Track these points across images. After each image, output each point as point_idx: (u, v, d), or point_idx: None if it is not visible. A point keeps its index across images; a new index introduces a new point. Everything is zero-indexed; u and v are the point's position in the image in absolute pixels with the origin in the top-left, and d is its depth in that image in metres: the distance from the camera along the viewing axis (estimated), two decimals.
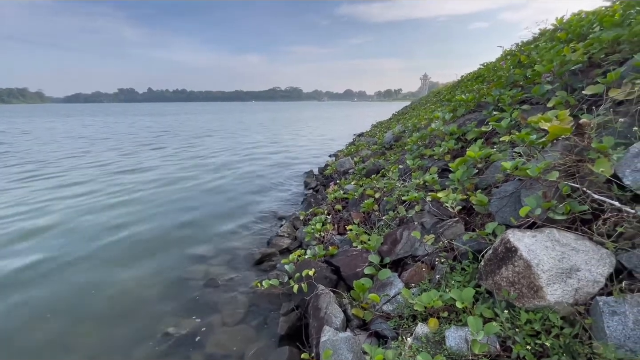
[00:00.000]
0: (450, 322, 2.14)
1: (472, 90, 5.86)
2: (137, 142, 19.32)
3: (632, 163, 1.92)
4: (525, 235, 2.01)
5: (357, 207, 5.00)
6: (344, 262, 3.42)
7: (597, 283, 1.70)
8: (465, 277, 2.39)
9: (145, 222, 6.46)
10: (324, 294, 2.90)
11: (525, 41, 7.67)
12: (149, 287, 4.28)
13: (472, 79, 8.50)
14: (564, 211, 2.03)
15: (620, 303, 1.56)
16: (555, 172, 2.13)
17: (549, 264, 1.80)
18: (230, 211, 7.10)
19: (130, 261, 4.95)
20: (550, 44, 4.59)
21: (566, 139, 2.45)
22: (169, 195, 8.30)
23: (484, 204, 2.70)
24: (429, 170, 4.18)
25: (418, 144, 5.41)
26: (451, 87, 16.40)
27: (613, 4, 5.04)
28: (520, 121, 3.57)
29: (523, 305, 1.87)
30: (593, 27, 4.20)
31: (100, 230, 6.05)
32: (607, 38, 3.24)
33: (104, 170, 11.24)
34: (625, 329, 1.49)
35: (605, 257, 1.75)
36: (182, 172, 11.05)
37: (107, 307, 3.89)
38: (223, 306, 3.82)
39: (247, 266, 4.72)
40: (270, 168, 11.76)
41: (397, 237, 3.32)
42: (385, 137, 9.32)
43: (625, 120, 2.26)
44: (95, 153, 14.92)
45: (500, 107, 4.19)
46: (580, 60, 3.45)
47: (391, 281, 2.88)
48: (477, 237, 2.47)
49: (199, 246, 5.43)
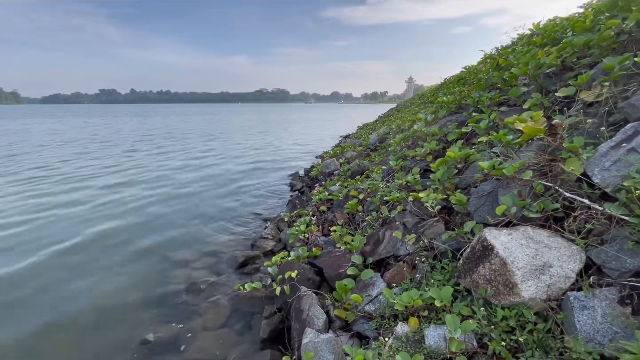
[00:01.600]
0: (430, 321, 2.16)
1: (453, 93, 5.98)
2: (106, 145, 18.80)
3: (601, 162, 1.99)
4: (501, 233, 2.06)
5: (341, 208, 5.01)
6: (327, 263, 3.41)
7: (568, 279, 1.75)
8: (445, 275, 2.42)
9: (124, 227, 6.27)
10: (306, 296, 2.88)
11: (504, 45, 7.90)
12: (127, 293, 4.15)
13: (454, 82, 8.68)
14: (537, 209, 2.09)
15: (589, 298, 1.61)
16: (529, 172, 2.18)
17: (524, 261, 1.84)
18: (214, 214, 6.99)
19: (108, 267, 4.78)
20: (526, 48, 4.74)
21: (540, 139, 2.52)
22: (149, 199, 8.09)
23: (463, 204, 2.74)
24: (411, 170, 4.22)
25: (401, 145, 5.47)
26: (435, 89, 16.72)
27: (586, 10, 5.25)
28: (498, 122, 3.66)
29: (499, 302, 1.91)
30: (566, 32, 4.35)
31: (76, 235, 5.84)
32: (579, 43, 3.36)
33: (79, 174, 10.87)
34: (594, 322, 1.53)
35: (575, 254, 1.81)
36: (163, 174, 10.80)
37: (83, 314, 3.74)
38: (205, 311, 3.74)
39: (231, 269, 4.64)
40: (256, 170, 11.65)
41: (380, 238, 3.34)
42: (370, 138, 9.39)
43: (594, 120, 2.35)
44: (57, 158, 14.43)
45: (480, 109, 4.29)
46: (554, 63, 3.57)
47: (374, 281, 2.88)
48: (456, 236, 2.51)
49: (181, 250, 5.31)
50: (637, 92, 2.22)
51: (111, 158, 13.74)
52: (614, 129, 2.21)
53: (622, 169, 1.87)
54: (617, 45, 3.01)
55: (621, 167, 1.88)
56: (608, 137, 2.10)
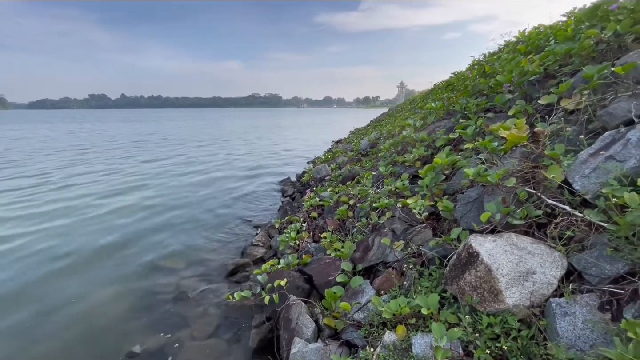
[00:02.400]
0: (417, 328, 2.16)
1: (441, 99, 6.06)
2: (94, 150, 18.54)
3: (581, 169, 2.03)
4: (486, 240, 2.08)
5: (332, 214, 5.01)
6: (316, 270, 3.40)
7: (550, 285, 1.77)
8: (432, 282, 2.43)
9: (111, 235, 6.16)
10: (295, 305, 2.85)
11: (492, 52, 8.06)
12: (114, 304, 4.06)
13: (443, 88, 8.80)
14: (521, 216, 2.12)
15: (571, 304, 1.63)
16: (513, 179, 2.22)
17: (508, 267, 1.86)
18: (204, 221, 6.92)
19: (94, 277, 4.69)
20: (511, 56, 4.84)
21: (523, 146, 2.57)
22: (138, 206, 7.98)
23: (449, 210, 2.77)
24: (400, 176, 4.25)
25: (391, 150, 5.51)
26: (425, 94, 16.93)
27: (568, 18, 5.40)
28: (484, 128, 3.72)
29: (485, 309, 1.92)
30: (549, 41, 4.47)
31: (62, 246, 5.71)
32: (560, 51, 3.45)
33: (65, 183, 10.68)
34: (576, 329, 1.55)
35: (557, 260, 1.83)
36: (152, 182, 10.67)
37: (68, 327, 3.64)
38: (193, 320, 3.69)
39: (220, 277, 4.59)
40: (247, 175, 11.60)
41: (369, 244, 3.34)
42: (362, 143, 9.44)
43: (575, 128, 2.40)
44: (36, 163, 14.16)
45: (467, 115, 4.35)
46: (537, 71, 3.65)
47: (363, 288, 2.88)
48: (443, 243, 2.53)
49: (170, 258, 5.23)
50: (614, 100, 2.28)
51: (101, 164, 13.54)
52: (593, 137, 2.26)
53: (601, 176, 1.91)
54: (596, 54, 3.09)
55: (600, 175, 1.92)
56: (587, 144, 2.15)
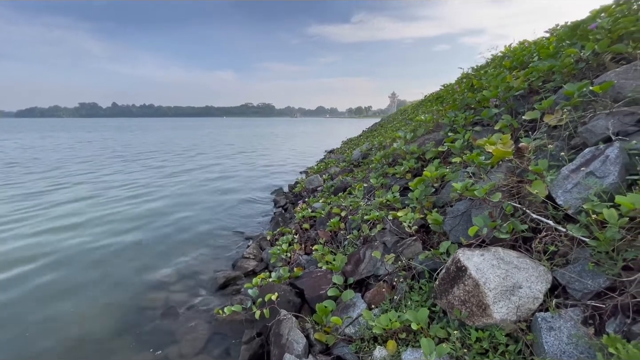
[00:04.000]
0: (408, 343, 2.16)
1: (431, 112, 6.18)
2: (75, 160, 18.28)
3: (563, 184, 2.10)
4: (474, 254, 2.11)
5: (324, 225, 5.01)
6: (308, 284, 3.38)
7: (536, 299, 1.80)
8: (422, 296, 2.44)
9: (97, 248, 6.03)
10: (286, 320, 2.83)
11: (480, 65, 8.30)
12: (100, 320, 3.96)
13: (432, 100, 8.99)
14: (507, 230, 2.16)
15: (556, 318, 1.66)
16: (498, 194, 2.27)
17: (495, 282, 1.89)
18: (194, 233, 6.83)
19: (79, 292, 4.56)
20: (497, 71, 4.99)
21: (509, 161, 2.64)
22: (127, 215, 7.86)
23: (439, 223, 2.80)
24: (391, 188, 4.30)
25: (382, 162, 5.57)
26: (416, 105, 17.25)
27: (551, 35, 5.61)
28: (472, 142, 3.80)
29: (473, 324, 1.94)
30: (533, 57, 4.63)
31: (46, 257, 5.57)
32: (543, 68, 3.58)
33: (50, 192, 10.47)
34: (561, 343, 1.58)
35: (543, 274, 1.87)
36: (145, 189, 10.54)
37: (52, 345, 3.52)
38: (182, 336, 3.61)
39: (211, 291, 4.52)
40: (239, 186, 11.54)
41: (361, 257, 3.35)
42: (354, 154, 9.52)
43: (557, 144, 2.48)
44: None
45: (455, 129, 4.44)
46: (522, 86, 3.78)
47: (354, 302, 2.87)
48: (433, 256, 2.55)
49: (160, 271, 5.14)
50: (594, 118, 2.37)
51: (89, 174, 13.33)
52: (575, 152, 2.34)
53: (582, 191, 1.97)
54: (576, 72, 3.22)
55: (582, 190, 1.98)
56: (569, 160, 2.23)
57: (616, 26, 3.11)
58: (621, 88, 2.37)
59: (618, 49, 2.81)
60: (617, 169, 1.90)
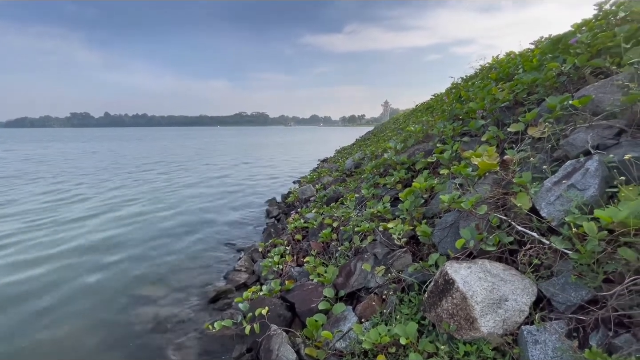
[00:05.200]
0: (397, 358, 2.15)
1: (421, 122, 6.27)
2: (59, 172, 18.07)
3: (547, 197, 2.14)
4: (461, 266, 2.12)
5: (316, 236, 5.00)
6: (299, 297, 3.36)
7: (522, 312, 1.82)
8: (412, 309, 2.44)
9: (85, 260, 5.91)
10: (276, 335, 2.80)
11: (469, 76, 8.48)
12: (88, 335, 3.86)
13: (423, 110, 9.13)
14: (494, 242, 2.19)
15: (541, 331, 1.67)
16: (484, 206, 2.30)
17: (482, 295, 1.90)
18: (186, 244, 6.75)
19: (66, 307, 4.46)
20: (484, 82, 5.10)
21: (495, 173, 2.68)
22: (117, 226, 7.74)
23: (427, 235, 2.82)
24: (382, 199, 4.32)
25: (373, 172, 5.61)
26: (408, 114, 17.47)
27: (535, 47, 5.77)
28: (460, 153, 3.86)
29: (462, 337, 1.94)
30: (518, 69, 4.75)
31: (30, 269, 5.44)
32: (527, 80, 3.67)
33: (39, 207, 10.29)
34: (546, 357, 1.59)
35: (528, 287, 1.89)
36: (134, 200, 10.41)
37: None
38: (171, 353, 3.54)
39: (201, 305, 4.45)
40: (232, 196, 11.48)
41: (352, 269, 3.34)
42: (346, 163, 9.56)
43: (541, 156, 2.54)
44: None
45: (444, 139, 4.51)
46: (507, 98, 3.86)
47: (345, 315, 2.86)
48: (422, 269, 2.56)
49: (149, 285, 5.05)
50: (574, 131, 2.44)
51: (73, 188, 13.16)
52: (557, 165, 2.39)
53: (564, 203, 2.01)
54: (558, 85, 3.31)
55: (564, 202, 2.02)
56: (551, 172, 2.27)
57: (595, 41, 3.22)
58: (600, 102, 2.45)
59: (596, 63, 2.90)
60: (597, 181, 1.95)
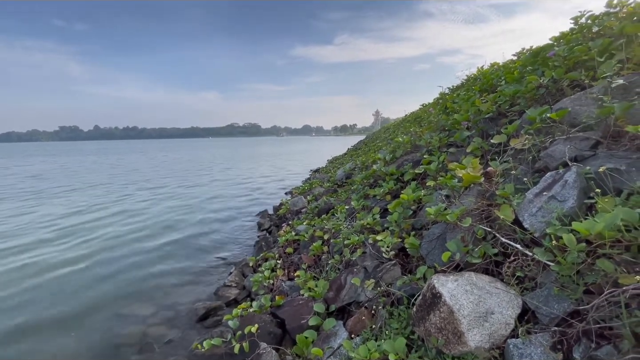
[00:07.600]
0: None
1: (409, 133, 6.36)
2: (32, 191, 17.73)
3: (529, 208, 2.17)
4: (448, 279, 2.13)
5: (307, 249, 4.96)
6: (289, 313, 3.31)
7: (508, 325, 1.82)
8: (401, 323, 2.42)
9: (68, 277, 5.74)
10: (266, 353, 2.75)
11: (455, 86, 8.68)
12: (71, 358, 3.73)
13: (412, 120, 9.27)
14: (479, 254, 2.21)
15: (527, 345, 1.68)
16: (469, 219, 2.32)
17: (469, 308, 1.91)
18: (175, 259, 6.62)
19: (47, 326, 4.31)
20: (468, 94, 5.22)
21: (479, 185, 2.72)
22: (101, 241, 7.55)
23: (415, 247, 2.83)
24: (372, 210, 4.33)
25: (363, 183, 5.64)
26: (398, 123, 17.74)
27: (517, 58, 5.95)
28: (447, 164, 3.92)
29: (450, 352, 1.93)
30: (501, 80, 4.88)
31: (9, 287, 5.26)
32: (509, 93, 3.77)
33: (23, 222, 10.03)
34: None
35: (513, 299, 1.90)
36: (122, 214, 10.22)
37: None
38: None
39: (190, 323, 4.34)
40: (223, 208, 11.36)
41: (342, 283, 3.32)
42: (338, 174, 9.60)
43: (522, 167, 2.59)
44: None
45: (431, 151, 4.57)
46: (490, 110, 3.96)
47: (335, 331, 2.83)
48: (410, 282, 2.56)
49: (137, 303, 4.93)
50: (553, 142, 2.50)
51: (59, 199, 12.88)
52: (539, 176, 2.44)
53: (546, 215, 2.05)
54: (538, 97, 3.41)
55: (545, 214, 2.06)
56: (533, 183, 2.32)
57: (571, 54, 3.34)
58: (576, 114, 2.52)
59: (573, 76, 3.01)
60: (576, 192, 1.99)
